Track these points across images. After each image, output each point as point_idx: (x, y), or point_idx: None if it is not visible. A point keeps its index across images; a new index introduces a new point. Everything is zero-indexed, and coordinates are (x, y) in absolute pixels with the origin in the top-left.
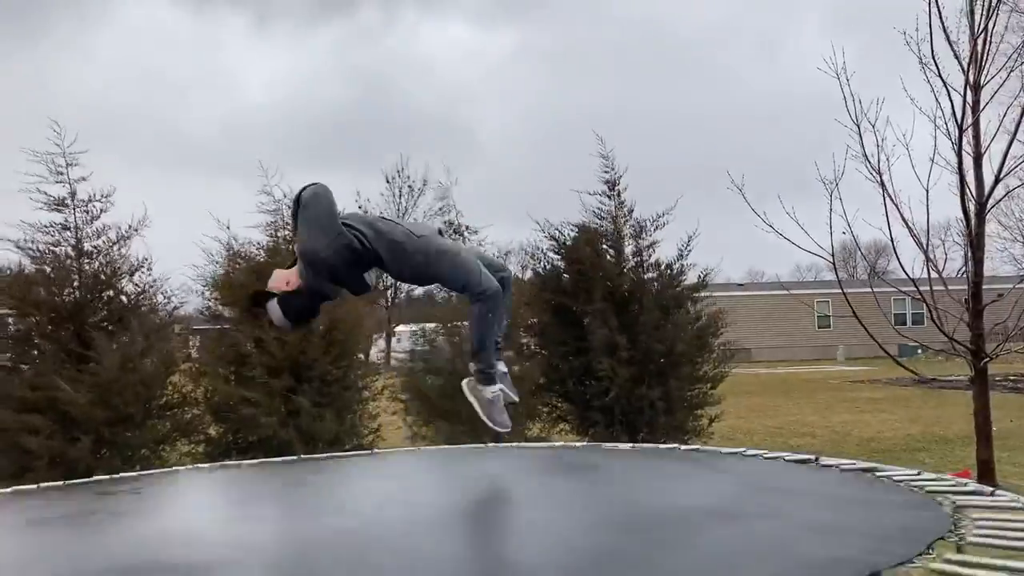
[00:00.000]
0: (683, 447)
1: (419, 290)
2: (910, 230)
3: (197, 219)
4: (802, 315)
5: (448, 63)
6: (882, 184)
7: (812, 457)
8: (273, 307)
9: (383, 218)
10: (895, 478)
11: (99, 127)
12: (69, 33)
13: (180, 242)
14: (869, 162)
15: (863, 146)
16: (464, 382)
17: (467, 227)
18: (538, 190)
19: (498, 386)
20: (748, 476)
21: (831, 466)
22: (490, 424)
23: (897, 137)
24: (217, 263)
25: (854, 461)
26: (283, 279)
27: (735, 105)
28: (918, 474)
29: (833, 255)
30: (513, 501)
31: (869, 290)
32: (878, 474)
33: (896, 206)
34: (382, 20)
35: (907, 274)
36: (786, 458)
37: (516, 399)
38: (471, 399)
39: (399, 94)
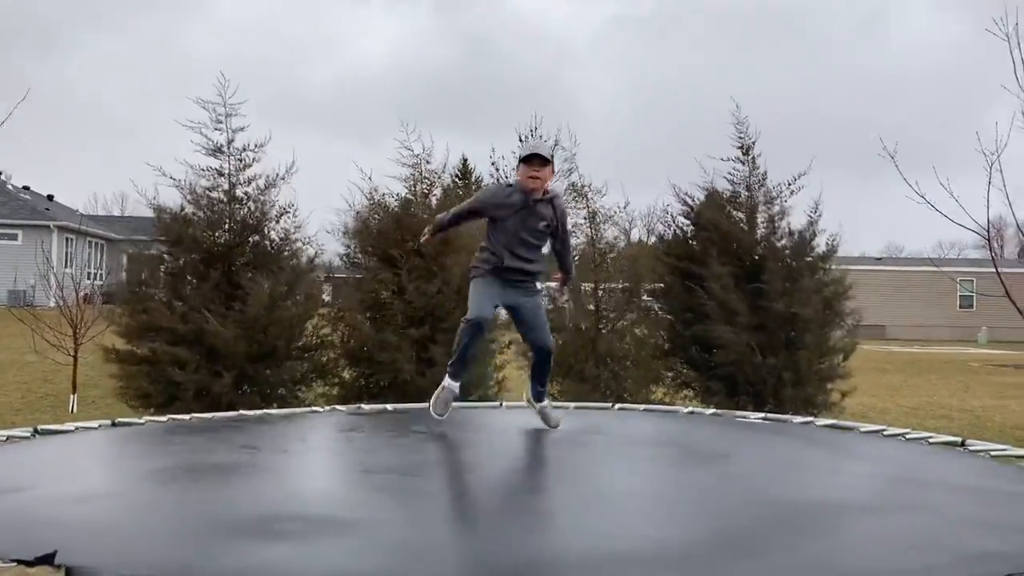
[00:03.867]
0: (818, 422)
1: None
2: None
3: (317, 173)
4: (942, 293)
5: (546, 30)
6: None
7: (958, 440)
8: None
9: None
10: None
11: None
12: None
13: (303, 194)
14: None
15: None
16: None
17: (590, 186)
18: (638, 155)
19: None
20: (890, 460)
21: (980, 451)
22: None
23: None
24: (357, 212)
25: (1005, 446)
26: None
27: (841, 77)
28: None
29: (989, 231)
30: (640, 471)
31: None
32: None
33: None
34: None
35: None
36: (930, 440)
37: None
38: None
39: (501, 57)
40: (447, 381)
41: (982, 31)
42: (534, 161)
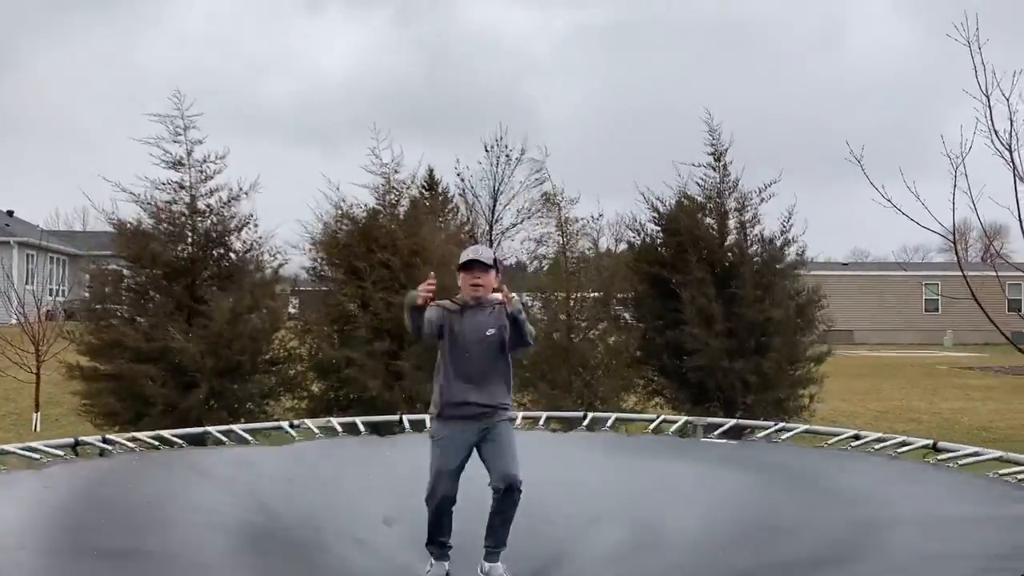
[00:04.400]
0: (784, 435)
1: (510, 260)
2: None
3: (278, 184)
4: (908, 297)
5: (507, 40)
6: (1012, 161)
7: (930, 443)
8: None
9: None
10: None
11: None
12: (148, 10)
13: (265, 205)
14: (998, 136)
15: (991, 120)
16: None
17: (563, 196)
18: (604, 163)
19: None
20: (855, 491)
21: (948, 461)
22: None
23: None
24: (325, 223)
25: (976, 449)
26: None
27: (803, 84)
28: None
29: (955, 234)
30: (606, 505)
31: (991, 274)
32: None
33: None
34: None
35: None
36: (900, 450)
37: None
38: None
39: (463, 67)
40: (432, 562)
41: (943, 37)
42: (474, 267)
